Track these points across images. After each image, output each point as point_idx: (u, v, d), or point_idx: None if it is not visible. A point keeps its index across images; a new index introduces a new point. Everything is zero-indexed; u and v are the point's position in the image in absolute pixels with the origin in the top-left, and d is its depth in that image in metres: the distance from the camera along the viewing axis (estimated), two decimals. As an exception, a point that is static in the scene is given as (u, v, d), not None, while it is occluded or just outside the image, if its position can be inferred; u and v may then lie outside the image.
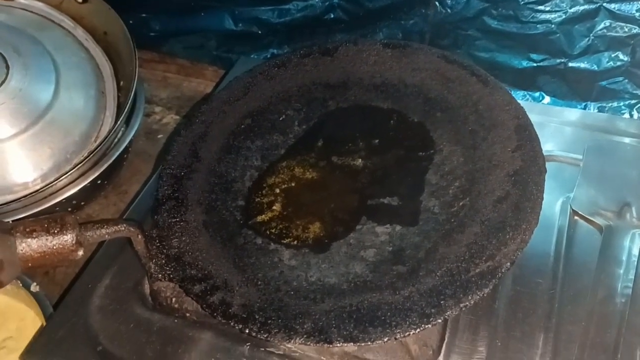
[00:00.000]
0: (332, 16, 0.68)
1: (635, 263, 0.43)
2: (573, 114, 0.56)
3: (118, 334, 0.44)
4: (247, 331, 0.38)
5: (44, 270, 0.59)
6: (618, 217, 0.46)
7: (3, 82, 0.59)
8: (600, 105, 0.62)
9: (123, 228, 0.41)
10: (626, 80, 0.61)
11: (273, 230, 0.47)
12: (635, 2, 0.56)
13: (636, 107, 0.61)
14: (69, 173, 0.57)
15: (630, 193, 0.47)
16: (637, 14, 0.56)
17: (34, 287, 0.53)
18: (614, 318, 0.40)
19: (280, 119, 0.55)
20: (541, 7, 0.59)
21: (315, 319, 0.38)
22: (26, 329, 0.52)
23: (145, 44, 0.78)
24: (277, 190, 0.50)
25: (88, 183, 0.58)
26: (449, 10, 0.62)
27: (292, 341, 0.37)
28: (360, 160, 0.51)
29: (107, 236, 0.40)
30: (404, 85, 0.54)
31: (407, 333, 0.36)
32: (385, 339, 0.36)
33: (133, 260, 0.48)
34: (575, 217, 0.47)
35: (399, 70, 0.54)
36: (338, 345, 0.36)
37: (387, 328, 0.36)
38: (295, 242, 0.46)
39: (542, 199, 0.41)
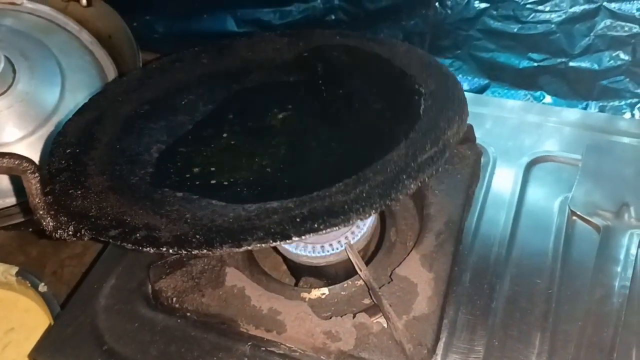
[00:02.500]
0: (333, 18, 0.68)
1: (633, 263, 0.43)
2: (572, 114, 0.56)
3: (123, 333, 0.45)
4: (186, 251, 0.35)
5: (52, 270, 0.60)
6: (616, 217, 0.46)
7: (10, 85, 0.61)
8: (601, 104, 0.62)
9: (10, 161, 0.38)
10: (627, 79, 0.61)
11: (194, 186, 0.44)
12: (635, 1, 0.56)
13: (637, 106, 0.61)
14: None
15: (629, 193, 0.48)
16: (637, 13, 0.56)
17: (42, 287, 0.54)
18: (611, 317, 0.41)
19: (183, 102, 0.54)
20: (541, 7, 0.59)
21: (266, 229, 0.36)
22: (30, 321, 0.53)
23: (149, 46, 0.79)
24: (192, 156, 0.48)
25: (93, 185, 0.60)
26: (449, 11, 0.62)
27: (243, 247, 0.34)
28: (278, 119, 0.50)
29: None
30: (305, 60, 0.54)
31: (369, 213, 0.35)
32: (350, 222, 0.35)
33: (137, 261, 0.50)
34: (574, 217, 0.47)
35: (298, 50, 0.55)
36: (296, 239, 0.34)
37: (347, 214, 0.35)
38: (223, 192, 0.43)
39: (462, 91, 0.43)
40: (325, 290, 0.45)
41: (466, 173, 0.49)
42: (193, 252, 0.35)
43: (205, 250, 0.35)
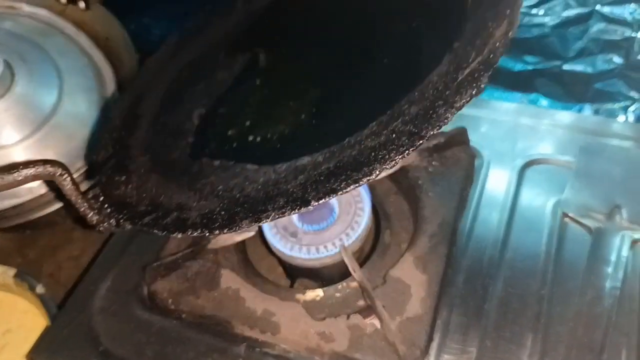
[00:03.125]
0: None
1: (624, 264, 0.44)
2: (565, 116, 0.57)
3: (119, 334, 0.45)
4: (207, 233, 0.36)
5: (50, 272, 0.60)
6: (608, 219, 0.47)
7: (9, 88, 0.61)
8: (595, 107, 0.63)
9: (41, 170, 0.38)
10: (621, 82, 0.61)
11: (232, 149, 0.43)
12: (627, 5, 0.56)
13: (630, 109, 0.61)
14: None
15: (621, 195, 0.48)
16: (629, 17, 0.57)
17: (40, 289, 0.55)
18: (602, 318, 0.41)
19: (220, 57, 0.52)
20: (535, 11, 0.60)
21: (288, 194, 0.34)
22: (27, 322, 0.53)
23: (146, 49, 0.79)
24: (230, 115, 0.47)
25: (91, 187, 0.60)
26: (444, 15, 0.62)
27: (261, 222, 0.34)
28: (308, 59, 0.47)
29: (22, 181, 0.38)
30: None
31: (394, 160, 0.32)
32: (374, 175, 0.32)
33: (133, 263, 0.50)
34: (566, 219, 0.48)
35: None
36: (315, 203, 0.32)
37: (372, 164, 0.32)
38: (259, 151, 0.41)
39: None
40: (319, 291, 0.46)
41: (460, 175, 0.50)
42: (216, 234, 0.36)
43: (227, 230, 0.35)
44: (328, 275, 0.48)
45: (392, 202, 0.52)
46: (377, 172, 0.32)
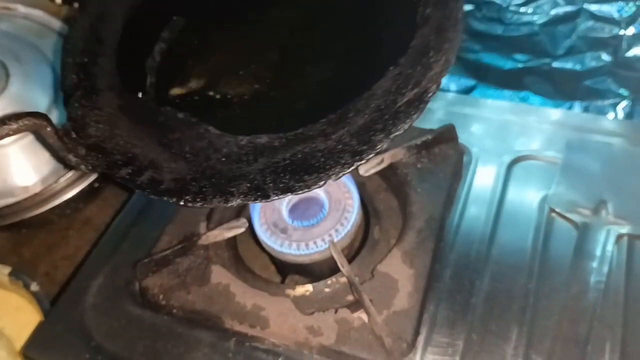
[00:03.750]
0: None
1: (609, 259, 0.44)
2: (554, 113, 0.57)
3: (111, 330, 0.46)
4: (182, 203, 0.38)
5: (45, 271, 0.61)
6: (594, 214, 0.47)
7: (4, 89, 0.62)
8: (585, 104, 0.63)
9: (27, 122, 0.40)
10: (610, 80, 0.62)
11: (193, 102, 0.45)
12: (614, 3, 0.57)
13: (619, 106, 0.62)
14: (68, 176, 0.59)
15: (607, 190, 0.49)
16: (617, 15, 0.57)
17: (34, 287, 0.55)
18: (587, 312, 0.41)
19: None
20: (524, 9, 0.60)
21: (250, 179, 0.38)
22: (21, 319, 0.54)
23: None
24: (191, 58, 0.47)
25: (86, 186, 0.61)
26: (434, 14, 0.63)
27: (229, 203, 0.37)
28: (277, 16, 0.48)
29: (10, 132, 0.40)
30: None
31: (341, 173, 0.37)
32: (321, 183, 0.37)
33: (125, 260, 0.51)
34: (552, 214, 0.48)
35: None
36: (275, 197, 0.37)
37: (322, 172, 0.37)
38: (219, 112, 0.44)
39: (463, 15, 0.39)
40: (309, 287, 0.46)
41: (448, 172, 0.50)
42: (189, 205, 0.38)
43: (199, 204, 0.38)
44: (318, 270, 0.49)
45: (382, 198, 0.52)
46: (323, 182, 0.37)
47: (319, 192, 0.50)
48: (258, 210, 0.50)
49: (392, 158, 0.50)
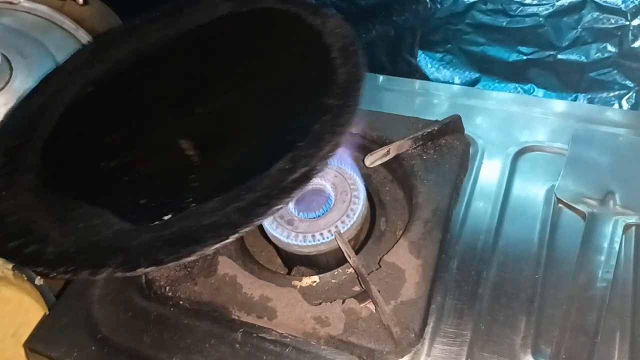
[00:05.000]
0: (325, 13, 0.69)
1: (617, 249, 0.44)
2: (559, 105, 0.57)
3: (117, 322, 0.46)
4: (54, 274, 0.39)
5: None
6: (601, 204, 0.47)
7: (7, 83, 0.62)
8: (590, 96, 0.63)
9: None
10: (615, 71, 0.61)
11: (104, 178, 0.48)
12: (620, -6, 0.56)
13: (625, 97, 0.62)
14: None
15: (614, 181, 0.48)
16: (622, 6, 0.57)
17: (38, 281, 0.55)
18: (595, 302, 0.41)
19: (117, 82, 0.56)
20: (529, 1, 0.60)
21: (128, 252, 0.39)
22: (31, 324, 0.54)
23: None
24: (113, 147, 0.51)
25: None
26: (438, 6, 0.63)
27: (97, 276, 0.38)
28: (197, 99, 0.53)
29: None
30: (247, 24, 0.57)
31: (216, 246, 0.37)
32: (194, 256, 0.37)
33: (131, 252, 0.50)
34: (560, 205, 0.48)
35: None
36: (143, 270, 0.37)
37: (197, 245, 0.37)
38: (123, 188, 0.47)
39: (357, 105, 0.43)
40: (315, 278, 0.46)
41: (454, 163, 0.50)
42: (60, 277, 0.39)
43: (68, 276, 0.39)
44: (324, 262, 0.49)
45: (387, 190, 0.52)
46: (194, 256, 0.38)
47: (324, 184, 0.50)
48: (264, 202, 0.50)
49: (398, 149, 0.50)
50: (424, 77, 0.68)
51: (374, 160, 0.50)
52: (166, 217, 0.42)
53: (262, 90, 0.52)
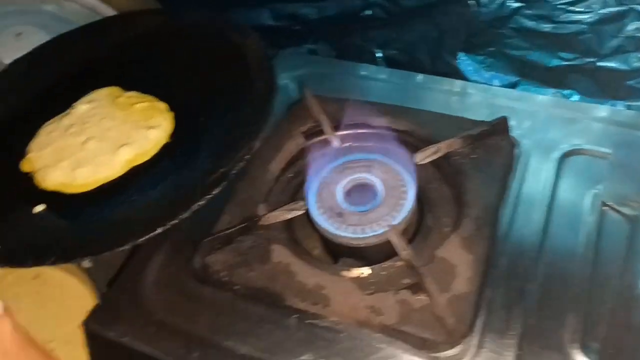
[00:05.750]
0: (369, 13, 0.71)
1: (662, 250, 0.45)
2: (600, 110, 0.58)
3: (172, 305, 0.47)
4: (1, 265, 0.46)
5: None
6: (646, 207, 0.48)
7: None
8: (628, 104, 0.64)
9: None
10: (654, 80, 0.63)
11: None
12: (665, 5, 0.58)
13: (663, 106, 0.63)
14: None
15: (658, 185, 0.50)
16: (665, 16, 0.58)
17: (86, 263, 0.57)
18: (641, 301, 0.43)
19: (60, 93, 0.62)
20: (573, 8, 0.61)
21: (64, 245, 0.46)
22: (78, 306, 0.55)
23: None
24: None
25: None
26: (483, 9, 0.64)
27: (42, 264, 0.45)
28: None
29: None
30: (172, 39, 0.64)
31: (145, 237, 0.44)
32: (126, 246, 0.45)
33: (185, 237, 0.52)
34: (605, 208, 0.49)
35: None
36: (79, 259, 0.47)
37: (127, 237, 0.45)
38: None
39: (270, 114, 0.51)
40: (365, 269, 0.47)
41: (501, 163, 0.51)
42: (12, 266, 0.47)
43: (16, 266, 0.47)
44: (371, 254, 0.50)
45: (434, 188, 0.53)
46: (124, 247, 0.45)
47: (373, 179, 0.52)
48: (314, 194, 0.52)
49: (448, 148, 0.52)
50: (463, 78, 0.69)
51: (424, 157, 0.51)
52: (99, 215, 0.50)
53: (186, 100, 0.58)
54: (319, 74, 0.69)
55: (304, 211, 0.50)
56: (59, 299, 0.57)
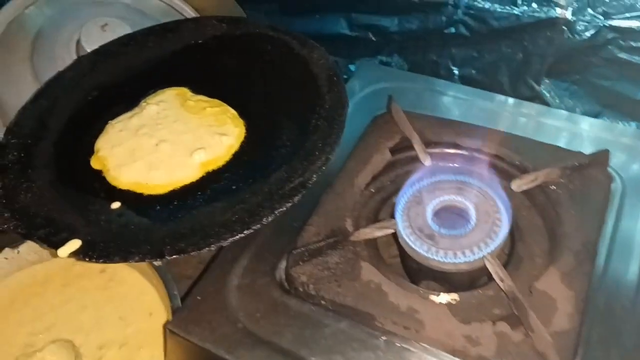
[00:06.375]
0: (452, 31, 0.70)
1: None
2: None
3: (256, 313, 0.46)
4: (87, 259, 0.46)
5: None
6: None
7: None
8: None
9: None
10: None
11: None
12: None
13: None
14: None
15: None
16: None
17: (157, 262, 0.56)
18: None
19: (125, 90, 0.63)
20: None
21: (151, 243, 0.47)
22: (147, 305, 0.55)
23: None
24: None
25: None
26: (576, 37, 0.63)
27: (127, 261, 0.46)
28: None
29: None
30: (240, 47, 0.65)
31: (231, 239, 0.46)
32: (212, 247, 0.46)
33: (268, 244, 0.51)
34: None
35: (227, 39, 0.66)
36: (169, 257, 0.45)
37: (214, 238, 0.46)
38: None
39: (344, 127, 0.53)
40: (455, 296, 0.46)
41: (599, 197, 0.50)
42: (92, 261, 0.46)
43: (101, 261, 0.46)
44: (457, 280, 0.49)
45: (525, 216, 0.52)
46: (214, 246, 0.46)
47: (465, 203, 0.51)
48: (401, 212, 0.51)
49: (546, 177, 0.50)
50: (544, 103, 0.68)
51: (521, 185, 0.50)
52: (180, 215, 0.50)
53: (255, 108, 0.59)
54: (398, 87, 0.68)
55: (394, 230, 0.49)
56: (126, 298, 0.56)
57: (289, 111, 0.57)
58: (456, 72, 0.73)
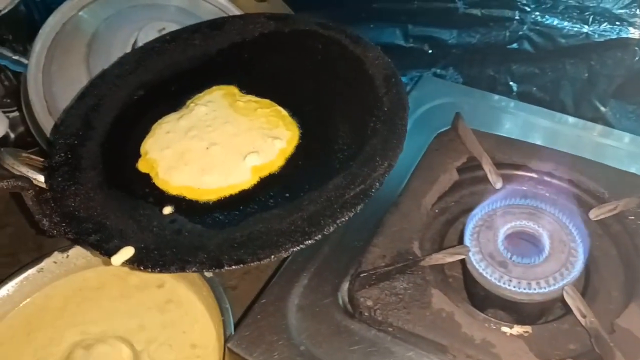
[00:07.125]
0: (515, 46, 0.68)
1: None
2: None
3: (319, 336, 0.45)
4: (142, 268, 0.44)
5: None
6: None
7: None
8: None
9: (11, 183, 0.47)
10: None
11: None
12: None
13: None
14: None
15: None
16: None
17: (208, 273, 0.55)
18: None
19: (172, 89, 0.60)
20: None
21: (208, 251, 0.44)
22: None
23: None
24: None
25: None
26: (648, 59, 0.61)
27: (185, 270, 0.43)
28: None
29: None
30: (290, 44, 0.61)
31: (291, 249, 0.43)
32: (272, 257, 0.43)
33: (328, 262, 0.50)
34: None
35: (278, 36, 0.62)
36: (227, 267, 0.43)
37: (274, 248, 0.43)
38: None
39: (406, 131, 0.50)
40: (528, 328, 0.44)
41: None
42: (148, 270, 0.44)
43: (157, 270, 0.44)
44: (528, 311, 0.47)
45: (598, 245, 0.50)
46: (274, 257, 0.44)
47: (539, 230, 0.48)
48: (470, 237, 0.49)
49: (625, 206, 0.48)
50: (608, 125, 0.65)
51: (599, 214, 0.48)
52: (234, 222, 0.47)
53: (308, 109, 0.55)
54: (457, 102, 0.66)
55: (466, 256, 0.47)
56: (182, 323, 0.53)
57: (343, 113, 0.54)
58: (515, 88, 0.71)
